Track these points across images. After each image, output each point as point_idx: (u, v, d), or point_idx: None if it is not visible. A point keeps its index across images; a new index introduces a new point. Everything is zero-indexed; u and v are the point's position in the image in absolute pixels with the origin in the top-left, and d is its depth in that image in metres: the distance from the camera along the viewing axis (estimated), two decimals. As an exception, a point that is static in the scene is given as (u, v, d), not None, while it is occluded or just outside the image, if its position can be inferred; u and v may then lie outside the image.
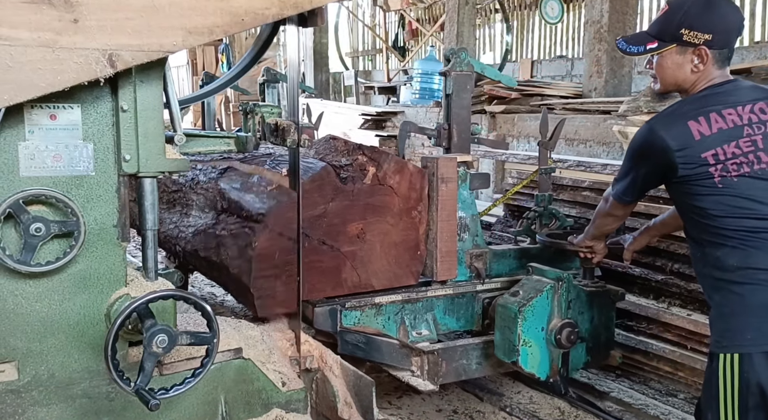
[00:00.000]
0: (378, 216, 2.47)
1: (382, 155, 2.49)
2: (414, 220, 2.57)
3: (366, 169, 2.45)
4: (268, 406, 1.95)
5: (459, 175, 2.66)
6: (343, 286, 2.45)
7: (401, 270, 2.57)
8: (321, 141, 2.77)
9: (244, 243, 2.25)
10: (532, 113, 7.00)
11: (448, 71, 2.88)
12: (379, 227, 2.48)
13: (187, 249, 2.59)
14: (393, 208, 2.51)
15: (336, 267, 2.42)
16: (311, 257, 2.33)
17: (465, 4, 8.56)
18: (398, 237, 2.54)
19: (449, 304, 2.73)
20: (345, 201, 2.40)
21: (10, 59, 1.42)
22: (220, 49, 13.80)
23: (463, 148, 2.91)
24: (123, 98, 1.61)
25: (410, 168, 2.54)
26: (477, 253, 2.77)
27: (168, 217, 2.80)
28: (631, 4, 6.79)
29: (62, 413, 1.67)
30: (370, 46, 14.72)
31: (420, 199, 2.57)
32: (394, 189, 2.50)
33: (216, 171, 2.72)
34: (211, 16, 1.59)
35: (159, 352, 1.58)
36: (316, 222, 2.35)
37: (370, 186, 2.45)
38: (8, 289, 1.59)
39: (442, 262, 2.62)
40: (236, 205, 2.42)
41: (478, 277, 2.77)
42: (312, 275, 2.34)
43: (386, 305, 2.57)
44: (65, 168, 1.60)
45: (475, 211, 2.77)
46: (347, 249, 2.43)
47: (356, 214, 2.42)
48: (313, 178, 2.33)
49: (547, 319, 2.50)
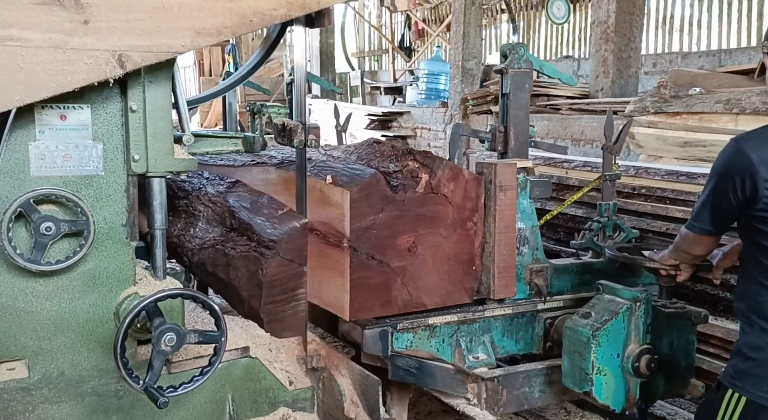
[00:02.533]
0: (430, 228, 2.28)
1: (435, 161, 2.28)
2: (469, 232, 2.36)
3: (418, 177, 2.24)
4: (275, 404, 1.96)
5: (518, 182, 2.44)
6: (393, 304, 2.25)
7: (454, 287, 2.36)
8: (362, 145, 2.59)
9: (254, 268, 2.16)
10: (538, 113, 6.98)
11: (506, 68, 2.68)
12: (431, 240, 2.28)
13: (193, 260, 2.56)
14: (446, 219, 2.30)
15: (385, 284, 2.22)
16: (358, 273, 2.16)
17: (471, 5, 8.56)
18: (452, 250, 2.33)
19: (508, 325, 2.50)
20: (395, 211, 2.20)
21: (21, 60, 1.44)
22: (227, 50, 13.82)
23: (521, 152, 2.69)
24: (132, 99, 1.63)
25: (466, 175, 2.33)
26: (537, 268, 2.52)
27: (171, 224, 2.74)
28: (638, 4, 6.77)
29: (72, 411, 1.69)
30: (376, 47, 14.73)
31: (475, 209, 2.36)
32: (448, 198, 2.30)
33: (224, 183, 2.68)
34: (220, 17, 1.60)
35: (167, 350, 1.59)
36: (364, 234, 2.16)
37: (423, 195, 2.24)
38: (19, 288, 1.60)
39: (500, 278, 2.39)
40: (246, 226, 2.31)
41: (539, 295, 2.53)
42: (359, 293, 2.17)
43: (440, 326, 2.35)
44: (75, 168, 1.62)
45: (535, 221, 2.54)
46: (397, 264, 2.23)
47: (407, 226, 2.23)
48: (362, 186, 2.14)
49: (623, 344, 2.26)
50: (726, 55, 7.45)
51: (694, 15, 8.87)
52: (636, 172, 3.41)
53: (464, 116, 8.35)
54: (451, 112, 8.75)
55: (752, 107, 4.33)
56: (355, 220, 2.13)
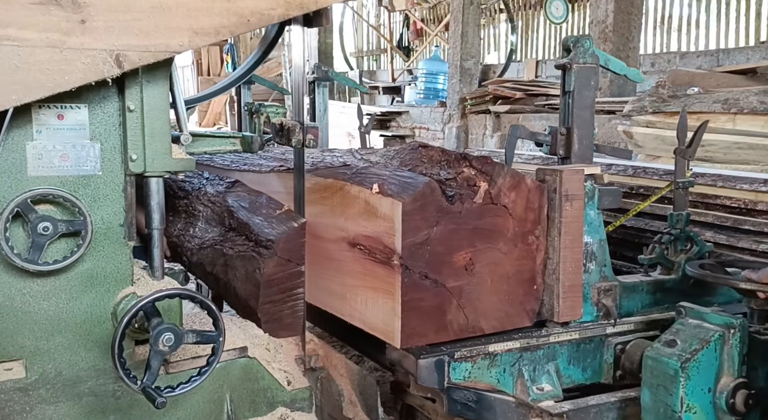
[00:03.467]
0: (489, 242, 2.06)
1: (495, 167, 2.06)
2: (530, 246, 2.14)
3: (476, 185, 2.02)
4: (273, 404, 1.96)
5: (585, 190, 2.18)
6: (448, 329, 2.04)
7: (514, 308, 2.14)
8: (405, 149, 2.37)
9: (252, 267, 2.15)
10: (536, 113, 6.99)
11: (569, 63, 2.43)
12: (489, 256, 2.07)
13: (192, 260, 2.56)
14: (506, 232, 2.09)
15: (439, 306, 2.01)
16: (411, 295, 1.95)
17: (470, 4, 8.57)
18: (512, 268, 2.12)
19: (574, 352, 2.26)
20: (451, 225, 1.99)
21: (18, 60, 1.43)
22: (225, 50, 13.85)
23: (585, 156, 2.45)
24: (130, 98, 1.62)
25: (528, 183, 2.12)
26: (605, 287, 2.28)
27: (171, 224, 2.74)
28: (636, 4, 6.78)
29: (69, 411, 1.68)
30: (374, 46, 14.73)
31: (538, 221, 2.14)
32: (508, 209, 2.08)
33: (223, 183, 2.65)
34: (218, 16, 1.60)
35: (165, 350, 1.59)
36: (417, 251, 1.95)
37: (481, 206, 2.03)
38: (16, 288, 1.60)
39: (565, 298, 2.15)
40: (245, 226, 2.30)
41: (607, 317, 2.28)
42: (412, 317, 1.96)
43: (501, 354, 2.13)
44: (72, 167, 1.61)
45: (603, 235, 2.29)
46: (453, 284, 2.02)
47: (464, 241, 2.03)
48: (415, 196, 1.93)
49: (715, 377, 2.01)
50: (724, 55, 7.46)
51: (693, 15, 8.88)
52: (634, 172, 3.38)
53: (463, 116, 8.36)
54: (449, 112, 8.76)
55: (750, 107, 4.34)
56: (408, 234, 1.93)
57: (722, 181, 3.06)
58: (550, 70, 9.72)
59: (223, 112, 13.57)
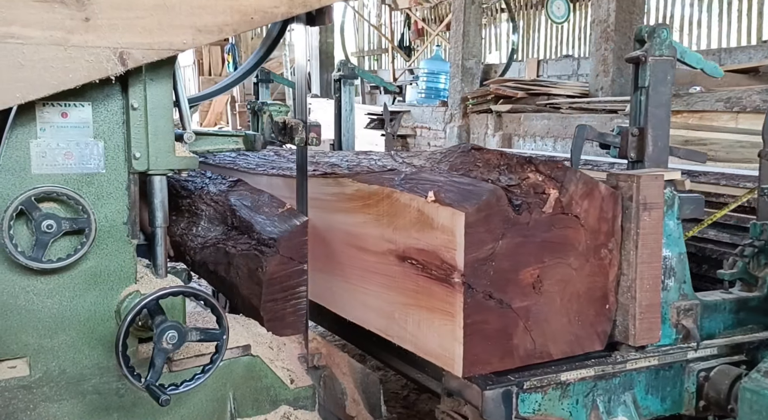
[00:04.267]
0: (558, 257, 1.87)
1: (566, 173, 1.86)
2: (603, 261, 1.95)
3: (544, 193, 1.83)
4: (276, 402, 1.96)
5: (665, 198, 2.00)
6: (514, 355, 1.86)
7: (584, 331, 1.95)
8: (454, 151, 2.17)
9: (254, 265, 2.14)
10: (538, 112, 6.99)
11: (643, 56, 2.21)
12: (559, 272, 1.88)
13: (195, 259, 2.57)
14: (578, 245, 1.90)
15: (505, 329, 1.82)
16: (474, 317, 1.76)
17: (471, 4, 8.57)
18: (582, 285, 1.92)
19: (652, 379, 2.07)
20: (518, 237, 1.80)
21: (22, 58, 1.43)
22: (226, 49, 13.86)
23: (660, 160, 2.23)
24: (133, 96, 1.62)
25: (602, 190, 1.92)
26: (685, 306, 2.08)
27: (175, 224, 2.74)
28: (638, 3, 6.78)
29: (73, 409, 1.68)
30: (375, 46, 14.74)
31: (611, 232, 1.94)
32: (580, 219, 1.88)
33: (226, 182, 2.63)
34: (221, 14, 1.60)
35: (169, 348, 1.59)
36: (481, 267, 1.76)
37: (551, 216, 1.84)
38: (20, 286, 1.60)
39: (642, 319, 1.95)
40: (247, 224, 2.29)
41: (687, 340, 2.09)
42: (475, 341, 1.78)
43: (574, 384, 1.94)
44: (76, 165, 1.61)
45: (682, 248, 2.09)
46: (519, 304, 1.83)
47: (531, 256, 1.84)
48: (480, 206, 1.73)
49: None
50: (726, 54, 7.46)
51: (694, 14, 8.88)
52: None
53: (464, 115, 8.36)
54: (451, 111, 8.76)
55: (753, 105, 4.33)
56: (471, 248, 1.73)
57: (725, 179, 3.04)
58: (551, 70, 9.72)
59: (224, 112, 13.58)
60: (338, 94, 3.86)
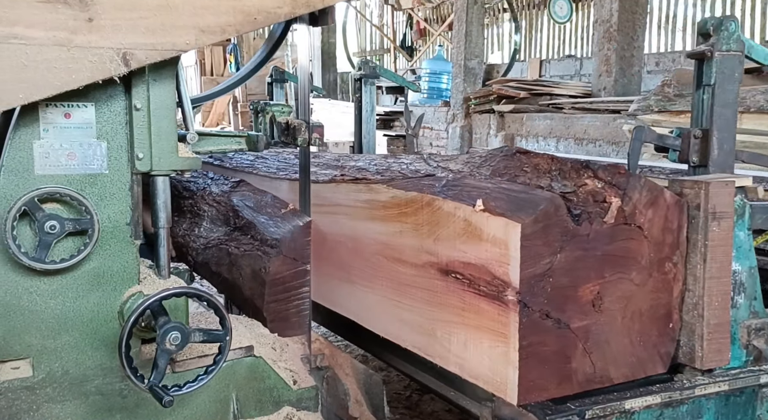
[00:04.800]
0: (620, 272, 1.73)
1: (629, 179, 1.72)
2: (667, 276, 1.81)
3: (605, 201, 1.69)
4: (279, 403, 1.96)
5: (735, 207, 1.86)
6: (572, 380, 1.71)
7: (647, 352, 1.80)
8: (495, 154, 2.02)
9: (257, 266, 2.13)
10: (540, 113, 6.98)
11: (709, 51, 2.05)
12: (620, 289, 1.74)
13: (198, 260, 2.57)
14: (640, 259, 1.75)
15: (562, 351, 1.68)
16: (530, 338, 1.62)
17: (473, 4, 8.56)
18: (645, 302, 1.79)
19: (722, 407, 1.91)
20: (577, 251, 1.66)
21: (25, 58, 1.43)
22: (228, 50, 13.89)
23: (726, 164, 2.07)
24: (136, 97, 1.62)
25: (667, 198, 1.78)
26: (757, 325, 1.92)
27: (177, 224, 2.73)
28: (640, 3, 6.77)
29: (76, 410, 1.68)
30: (377, 46, 14.74)
31: (676, 244, 1.80)
32: (643, 230, 1.74)
33: (228, 183, 2.63)
34: (224, 15, 1.59)
35: (172, 349, 1.59)
36: (538, 284, 1.62)
37: (612, 227, 1.69)
38: (23, 286, 1.60)
39: (710, 340, 1.80)
40: (250, 225, 2.28)
41: (759, 362, 1.93)
42: (531, 366, 1.63)
43: (639, 412, 1.78)
44: (79, 166, 1.61)
45: (753, 261, 1.94)
46: (578, 324, 1.69)
47: (591, 270, 1.69)
48: (537, 216, 1.59)
49: None
50: (729, 54, 7.43)
51: (697, 14, 8.86)
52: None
53: (466, 115, 8.35)
54: (453, 112, 8.75)
55: (757, 105, 4.32)
56: (527, 263, 1.59)
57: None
58: (554, 70, 9.71)
59: (226, 112, 13.59)
60: (359, 94, 3.71)
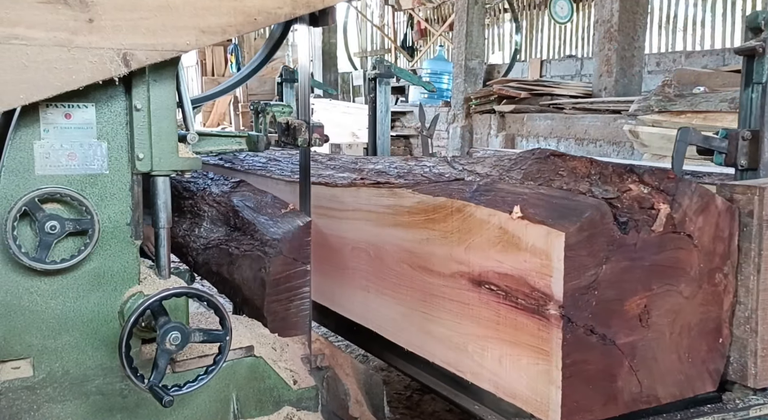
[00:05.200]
0: (668, 284, 1.63)
1: (678, 184, 1.61)
2: (717, 288, 1.70)
3: (653, 208, 1.58)
4: (279, 403, 1.96)
5: None
6: (618, 400, 1.61)
7: (695, 369, 1.70)
8: (527, 157, 1.89)
9: (258, 266, 2.14)
10: (541, 113, 6.99)
11: (761, 46, 1.92)
12: (668, 302, 1.64)
13: (198, 260, 2.57)
14: (689, 270, 1.65)
15: (608, 370, 1.58)
16: (574, 356, 1.51)
17: (474, 4, 8.56)
18: (694, 316, 1.68)
19: None
20: (623, 261, 1.56)
21: (26, 59, 1.43)
22: (229, 50, 13.90)
23: None
24: (137, 97, 1.62)
25: (718, 204, 1.67)
26: None
27: (177, 224, 2.73)
28: (641, 3, 6.77)
29: (76, 410, 1.69)
30: (378, 46, 14.74)
31: (727, 254, 1.70)
32: (693, 239, 1.64)
33: (228, 184, 2.63)
34: (225, 15, 1.60)
35: (172, 349, 1.59)
36: (582, 297, 1.51)
37: (660, 235, 1.59)
38: (24, 287, 1.60)
39: (765, 356, 1.70)
40: (250, 225, 2.28)
41: None
42: (575, 385, 1.53)
43: None
44: (80, 166, 1.62)
45: None
46: (624, 340, 1.59)
47: (638, 283, 1.59)
48: (582, 224, 1.48)
49: None
50: (730, 54, 7.44)
51: (698, 14, 8.86)
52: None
53: (467, 116, 8.35)
54: (453, 112, 8.75)
55: None
56: (571, 275, 1.49)
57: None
58: (554, 70, 9.71)
59: (227, 113, 13.60)
60: (373, 94, 3.60)
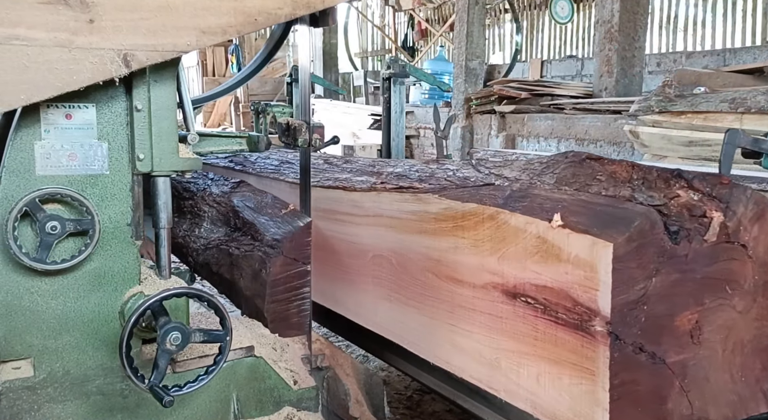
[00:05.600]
0: (721, 298, 1.52)
1: (732, 190, 1.50)
2: None
3: (705, 216, 1.47)
4: (279, 404, 1.96)
5: None
6: None
7: (748, 389, 1.59)
8: (560, 161, 1.77)
9: (258, 267, 2.15)
10: (542, 113, 6.98)
11: None
12: (721, 317, 1.52)
13: (198, 261, 2.57)
14: (743, 282, 1.54)
15: (658, 391, 1.48)
16: (623, 376, 1.41)
17: (475, 4, 8.56)
18: (748, 332, 1.57)
19: None
20: (674, 274, 1.44)
21: (27, 59, 1.43)
22: (230, 50, 13.91)
23: None
24: (137, 98, 1.63)
25: None
26: None
27: (177, 225, 2.71)
28: (642, 3, 6.77)
29: (77, 410, 1.69)
30: (379, 47, 14.74)
31: None
32: (747, 249, 1.53)
33: (228, 184, 2.64)
34: (225, 16, 1.60)
35: (173, 349, 1.59)
36: (631, 313, 1.40)
37: (713, 246, 1.48)
38: (24, 287, 1.61)
39: None
40: (250, 226, 2.30)
41: None
42: (623, 408, 1.42)
43: None
44: (80, 167, 1.62)
45: None
46: (675, 358, 1.48)
47: (690, 296, 1.48)
48: (631, 234, 1.38)
49: None
50: (731, 55, 7.44)
51: (699, 14, 8.86)
52: None
53: (468, 116, 8.36)
54: (454, 112, 8.75)
55: (758, 106, 4.32)
56: (620, 289, 1.38)
57: None
58: (555, 70, 9.71)
59: (227, 113, 13.61)
60: (387, 94, 3.51)
